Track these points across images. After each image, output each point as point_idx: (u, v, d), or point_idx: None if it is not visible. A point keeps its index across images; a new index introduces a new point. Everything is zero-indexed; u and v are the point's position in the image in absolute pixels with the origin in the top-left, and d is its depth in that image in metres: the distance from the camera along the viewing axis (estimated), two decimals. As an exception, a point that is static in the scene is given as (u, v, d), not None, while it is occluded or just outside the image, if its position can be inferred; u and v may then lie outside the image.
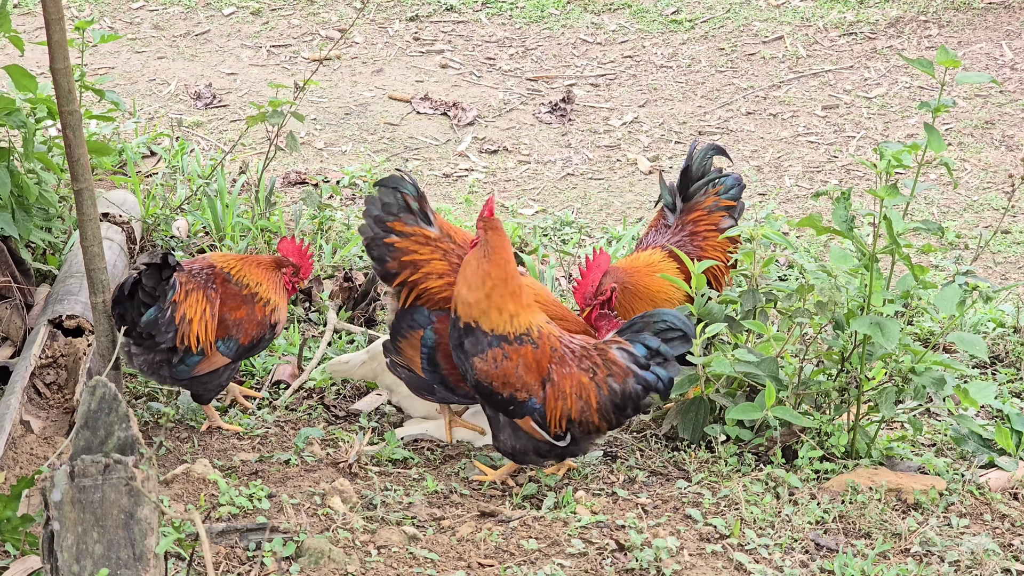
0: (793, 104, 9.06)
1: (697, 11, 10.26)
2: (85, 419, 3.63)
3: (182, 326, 5.00)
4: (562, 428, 4.70)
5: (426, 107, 8.94)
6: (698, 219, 5.61)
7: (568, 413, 4.68)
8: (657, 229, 5.68)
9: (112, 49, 9.59)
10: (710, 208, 5.62)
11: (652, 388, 4.70)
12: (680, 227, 5.60)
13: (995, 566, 4.44)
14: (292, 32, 10.01)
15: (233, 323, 5.10)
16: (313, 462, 4.91)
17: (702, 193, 5.65)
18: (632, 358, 4.69)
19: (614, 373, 4.69)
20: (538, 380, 4.68)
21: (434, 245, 5.06)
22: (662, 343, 4.70)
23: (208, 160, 7.81)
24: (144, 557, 3.59)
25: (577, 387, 4.68)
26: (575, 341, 4.75)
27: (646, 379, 4.69)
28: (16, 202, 5.77)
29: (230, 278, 5.15)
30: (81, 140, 4.48)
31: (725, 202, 5.63)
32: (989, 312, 6.42)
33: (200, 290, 5.07)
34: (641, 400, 4.71)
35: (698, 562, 4.39)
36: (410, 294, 5.03)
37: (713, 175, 5.67)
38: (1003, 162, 8.32)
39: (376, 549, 4.32)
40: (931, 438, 5.41)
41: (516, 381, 4.67)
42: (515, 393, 4.67)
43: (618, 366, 4.68)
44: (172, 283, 4.99)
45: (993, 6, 10.08)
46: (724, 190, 5.66)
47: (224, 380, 5.16)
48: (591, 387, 4.68)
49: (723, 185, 5.66)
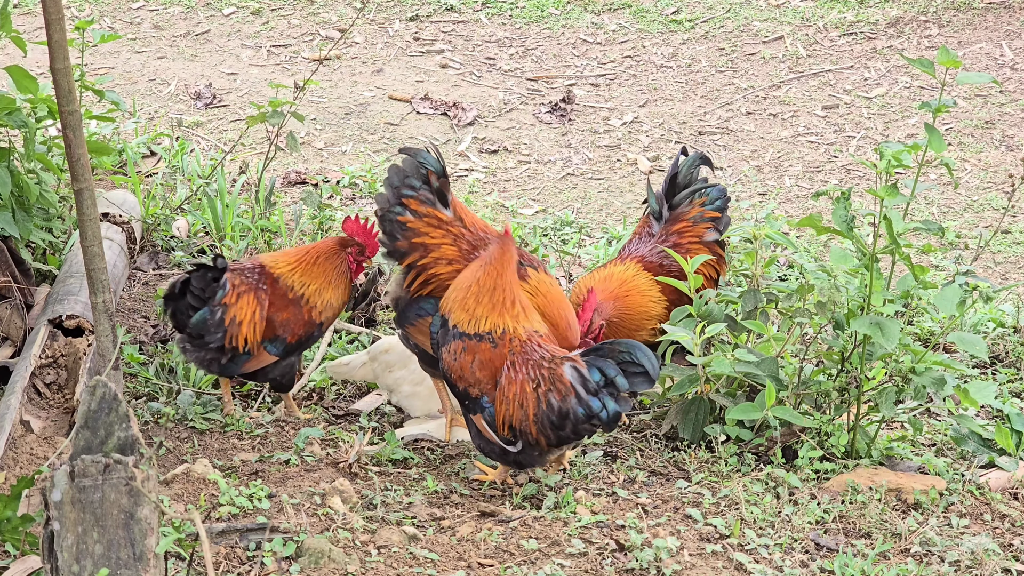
0: (793, 104, 9.06)
1: (697, 11, 10.27)
2: (85, 419, 3.63)
3: (231, 328, 5.10)
4: (506, 433, 4.63)
5: (426, 107, 8.94)
6: (682, 230, 5.60)
7: (510, 419, 4.60)
8: (641, 237, 5.65)
9: (112, 49, 9.59)
10: (695, 219, 5.62)
11: (594, 415, 4.51)
12: (664, 237, 5.59)
13: (995, 566, 4.44)
14: (292, 32, 10.02)
15: (280, 324, 5.18)
16: (313, 462, 4.91)
17: (687, 203, 5.64)
18: (581, 379, 4.52)
19: (556, 389, 4.54)
20: (491, 380, 4.64)
21: (445, 229, 5.05)
22: (620, 375, 4.50)
23: (208, 160, 7.81)
24: (144, 557, 3.59)
25: (520, 395, 4.58)
26: (541, 350, 4.62)
27: (589, 404, 4.51)
28: (16, 202, 5.77)
29: (278, 279, 5.21)
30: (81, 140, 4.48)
31: (710, 213, 5.63)
32: (989, 312, 6.42)
33: (251, 292, 5.15)
34: (581, 424, 4.52)
35: (698, 562, 4.39)
36: (417, 277, 5.03)
37: (699, 185, 5.67)
38: (1003, 162, 8.32)
39: (376, 549, 4.32)
40: (931, 438, 5.41)
41: (470, 376, 4.66)
42: (469, 388, 4.66)
43: (563, 383, 4.53)
44: (223, 284, 5.07)
45: (993, 6, 10.08)
46: (709, 201, 5.65)
47: (286, 369, 5.25)
48: (532, 398, 4.56)
49: (708, 196, 5.66)
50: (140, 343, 5.83)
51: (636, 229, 5.77)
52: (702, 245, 5.54)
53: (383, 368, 5.40)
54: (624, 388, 4.49)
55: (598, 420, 4.52)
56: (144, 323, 6.06)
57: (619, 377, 4.49)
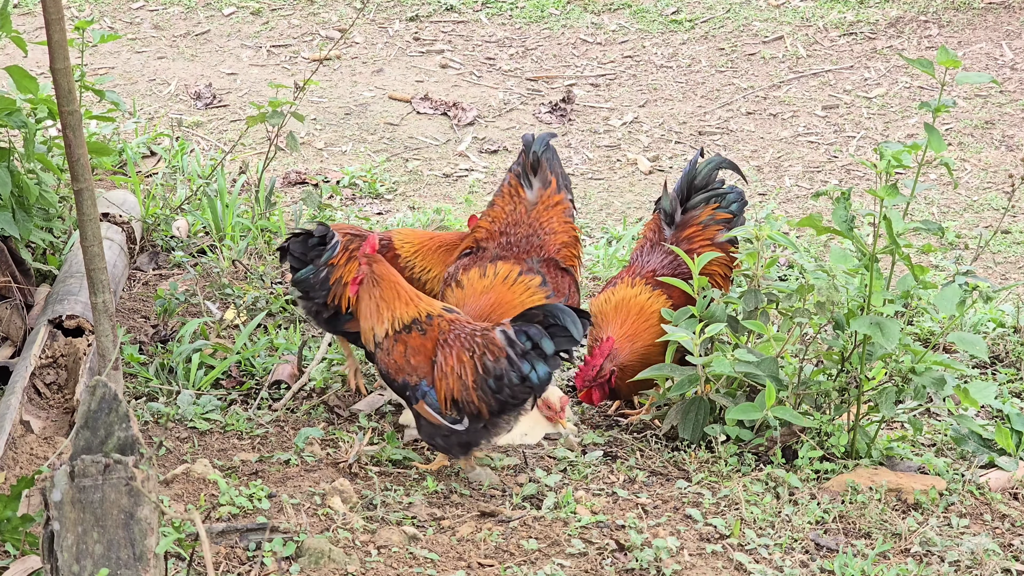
0: (793, 104, 9.06)
1: (697, 11, 10.27)
2: (85, 419, 3.63)
3: (335, 287, 5.27)
4: (449, 410, 4.72)
5: (426, 107, 8.94)
6: (692, 235, 5.56)
7: (451, 392, 4.70)
8: (653, 245, 5.60)
9: (112, 49, 9.59)
10: (705, 222, 5.57)
11: (526, 378, 4.63)
12: (675, 244, 5.53)
13: (995, 566, 4.44)
14: (292, 32, 10.02)
15: None
16: (313, 462, 4.91)
17: (700, 207, 5.60)
18: (510, 342, 4.65)
19: (490, 351, 4.66)
20: (427, 363, 4.74)
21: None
22: (544, 337, 4.62)
23: (208, 160, 7.81)
24: (144, 557, 3.59)
25: (458, 365, 4.70)
26: (469, 327, 4.76)
27: (520, 367, 4.63)
28: (16, 202, 5.77)
29: (399, 256, 5.36)
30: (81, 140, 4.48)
31: (721, 215, 5.58)
32: (989, 312, 6.42)
33: None
34: (516, 387, 4.65)
35: (698, 562, 4.39)
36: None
37: (715, 188, 5.63)
38: (1003, 162, 8.32)
39: (376, 549, 4.32)
40: (931, 438, 5.41)
41: (406, 365, 4.75)
42: (407, 378, 4.75)
43: (495, 346, 4.66)
44: (332, 246, 5.26)
45: (993, 6, 10.08)
46: (725, 205, 5.62)
47: None
48: (469, 364, 4.68)
49: (723, 200, 5.62)
50: (140, 343, 5.83)
51: (644, 232, 5.70)
52: (714, 247, 5.50)
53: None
54: (550, 350, 4.61)
55: (530, 382, 4.64)
56: (144, 323, 6.06)
57: (544, 339, 4.61)
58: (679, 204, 5.60)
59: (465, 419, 4.71)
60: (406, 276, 5.28)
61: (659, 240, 5.58)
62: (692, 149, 8.38)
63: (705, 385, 5.13)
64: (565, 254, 5.32)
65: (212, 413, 5.27)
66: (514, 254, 5.25)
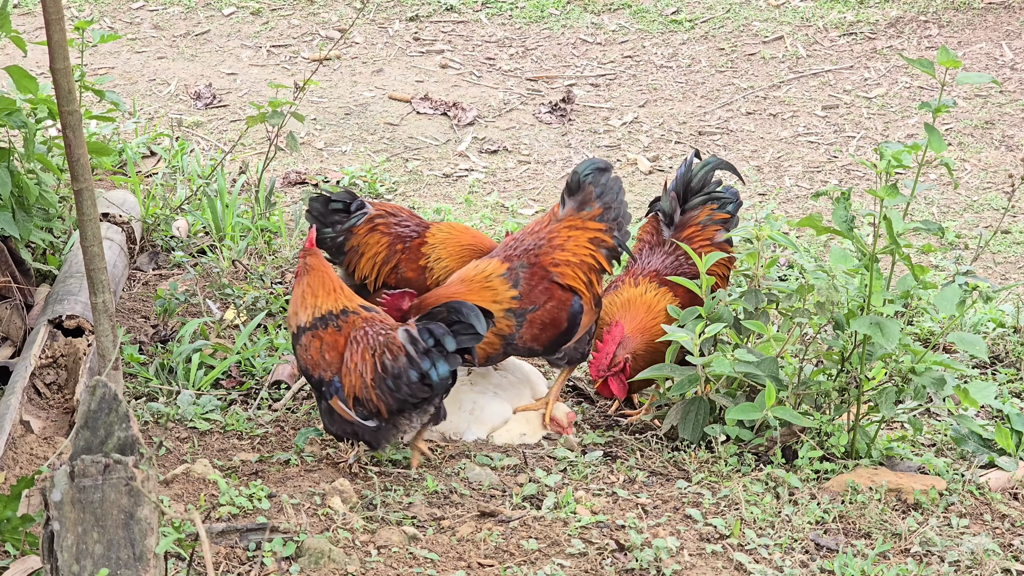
0: (793, 104, 9.06)
1: (697, 11, 10.26)
2: (85, 419, 3.64)
3: (350, 254, 5.41)
4: (353, 406, 4.74)
5: (426, 107, 8.94)
6: (692, 235, 5.57)
7: (354, 390, 4.72)
8: (652, 247, 5.60)
9: (112, 49, 9.59)
10: (704, 222, 5.58)
11: (425, 376, 4.62)
12: (675, 245, 5.54)
13: (995, 566, 4.44)
14: (292, 32, 10.02)
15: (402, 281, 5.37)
16: (313, 462, 4.91)
17: (698, 208, 5.61)
18: (412, 340, 4.64)
19: (390, 350, 4.66)
20: (339, 359, 4.76)
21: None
22: (447, 334, 4.61)
23: (208, 160, 7.81)
24: (144, 557, 3.59)
25: (361, 362, 4.71)
26: (382, 324, 4.77)
27: (420, 365, 4.62)
28: (16, 202, 5.77)
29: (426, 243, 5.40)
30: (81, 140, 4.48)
31: (720, 216, 5.60)
32: (989, 312, 6.42)
33: (390, 238, 5.40)
34: (415, 385, 4.64)
35: (698, 562, 4.39)
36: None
37: (712, 190, 5.64)
38: (1003, 162, 8.32)
39: (376, 549, 4.32)
40: (931, 438, 5.41)
41: (321, 361, 4.77)
42: (322, 373, 4.77)
43: (395, 344, 4.66)
44: (357, 215, 5.40)
45: (993, 6, 10.08)
46: (720, 206, 5.63)
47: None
48: (369, 363, 4.69)
49: (720, 202, 5.63)
50: (140, 343, 5.83)
51: (640, 235, 5.70)
52: (713, 247, 5.51)
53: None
54: (451, 347, 4.61)
55: (429, 380, 4.63)
56: (144, 323, 6.06)
57: (447, 337, 4.61)
58: (678, 205, 5.61)
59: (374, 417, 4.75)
60: (421, 263, 5.36)
61: (658, 242, 5.58)
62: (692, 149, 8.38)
63: (705, 385, 5.13)
64: (564, 271, 5.18)
65: (212, 413, 5.27)
66: (507, 256, 5.21)
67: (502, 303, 5.08)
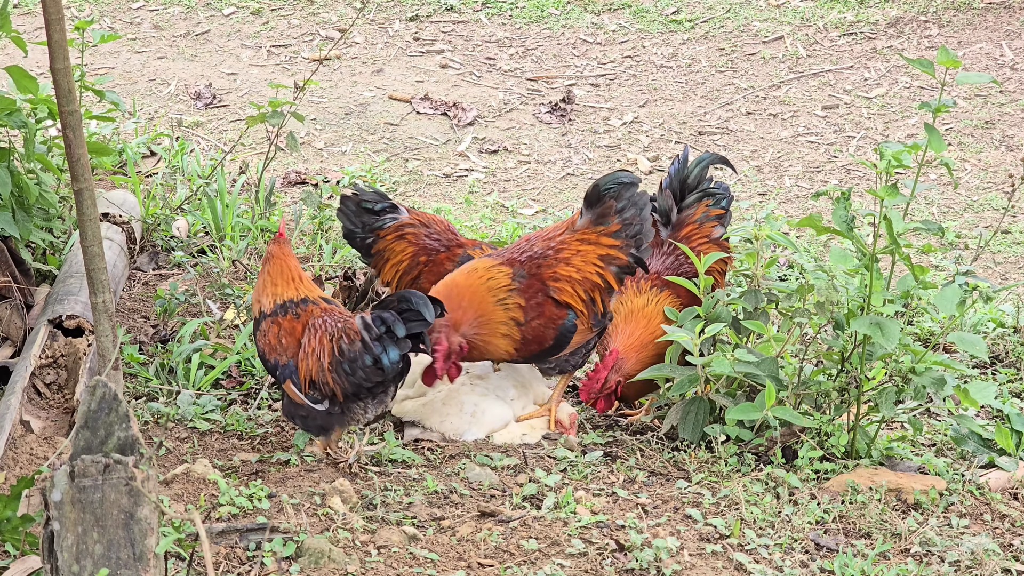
0: (793, 104, 9.07)
1: (697, 11, 10.27)
2: (85, 419, 3.64)
3: (376, 257, 5.51)
4: (308, 389, 4.85)
5: (426, 107, 8.94)
6: (690, 234, 5.57)
7: (311, 373, 4.83)
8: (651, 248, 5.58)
9: (112, 49, 9.60)
10: (700, 220, 5.59)
11: (378, 361, 4.75)
12: (673, 245, 5.53)
13: (995, 566, 4.44)
14: (292, 32, 10.02)
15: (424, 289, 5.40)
16: (313, 462, 4.92)
17: (694, 205, 5.60)
18: (366, 326, 4.77)
19: (347, 335, 4.79)
20: (296, 344, 4.88)
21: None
22: (397, 321, 4.74)
23: (208, 160, 7.81)
24: (144, 557, 3.59)
25: (318, 347, 4.83)
26: (339, 315, 4.90)
27: (373, 350, 4.75)
28: (16, 202, 5.77)
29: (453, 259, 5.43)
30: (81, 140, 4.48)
31: (715, 211, 5.60)
32: (989, 312, 6.42)
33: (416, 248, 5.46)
34: (368, 369, 4.77)
35: (698, 562, 4.39)
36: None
37: (707, 187, 5.63)
38: (1003, 162, 8.32)
39: (376, 549, 4.32)
40: (931, 438, 5.41)
41: (277, 345, 4.90)
42: (278, 358, 4.89)
43: (352, 330, 4.79)
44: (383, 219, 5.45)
45: (993, 6, 10.08)
46: (715, 203, 5.63)
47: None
48: (327, 347, 4.81)
49: (714, 197, 5.64)
50: (140, 343, 5.83)
51: None
52: (711, 243, 5.53)
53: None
54: (401, 333, 4.73)
55: (381, 364, 4.75)
56: (144, 323, 6.07)
57: (397, 323, 4.74)
58: (674, 203, 5.62)
59: (325, 401, 4.85)
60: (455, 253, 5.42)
61: (656, 242, 5.58)
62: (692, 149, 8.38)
63: (705, 385, 5.13)
64: (563, 287, 5.10)
65: (212, 413, 5.27)
66: (511, 259, 5.19)
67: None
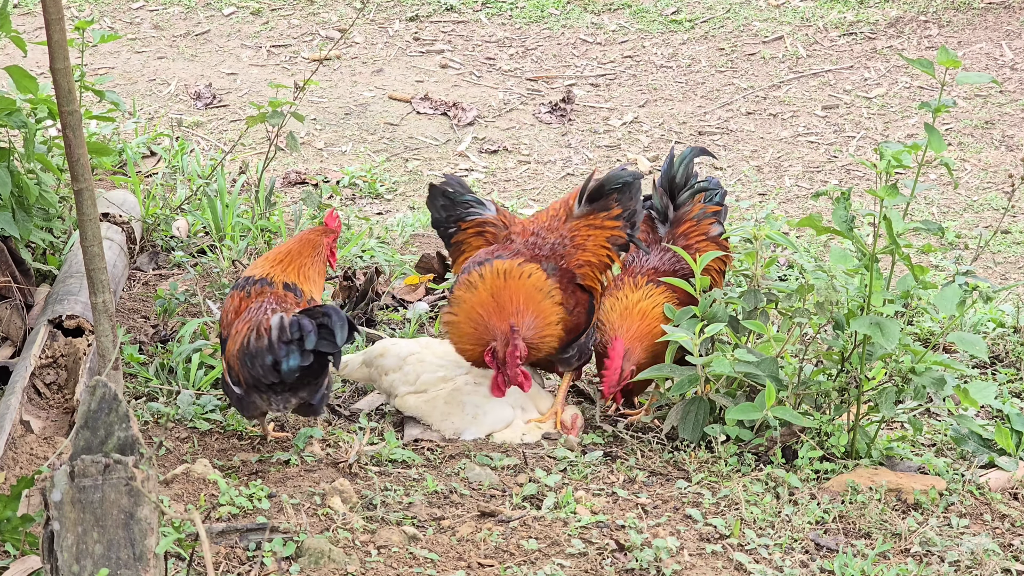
0: (793, 104, 9.07)
1: (697, 11, 10.27)
2: (85, 419, 3.64)
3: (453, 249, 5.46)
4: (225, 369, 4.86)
5: (426, 107, 8.94)
6: (688, 231, 5.57)
7: (231, 354, 4.82)
8: (648, 245, 5.59)
9: (112, 49, 9.60)
10: (698, 216, 5.59)
11: (277, 364, 4.67)
12: (671, 241, 5.54)
13: (995, 566, 4.44)
14: (292, 32, 10.02)
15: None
16: (313, 462, 4.91)
17: (689, 201, 5.61)
18: (280, 328, 4.68)
19: (258, 330, 4.74)
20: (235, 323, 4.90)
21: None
22: (313, 332, 4.63)
23: (208, 160, 7.81)
24: (144, 557, 3.59)
25: (239, 332, 4.82)
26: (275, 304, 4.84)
27: (277, 352, 4.67)
28: (16, 202, 5.77)
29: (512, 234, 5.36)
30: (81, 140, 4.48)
31: (712, 208, 5.61)
32: (989, 312, 6.42)
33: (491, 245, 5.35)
34: (266, 367, 4.68)
35: (698, 562, 4.39)
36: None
37: (697, 182, 5.64)
38: (1003, 162, 8.32)
39: (376, 549, 4.32)
40: (931, 438, 5.41)
41: (224, 319, 4.95)
42: (224, 331, 4.93)
43: (264, 326, 4.73)
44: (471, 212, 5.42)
45: (993, 6, 10.08)
46: (707, 198, 5.64)
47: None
48: (243, 335, 4.79)
49: (707, 193, 5.64)
50: (140, 343, 5.83)
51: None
52: (709, 241, 5.53)
53: (378, 372, 5.41)
54: (309, 346, 4.64)
55: (279, 368, 4.68)
56: (144, 323, 6.07)
57: (310, 335, 4.64)
58: (669, 201, 5.62)
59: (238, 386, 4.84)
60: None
61: (654, 240, 5.58)
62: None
63: (705, 385, 5.13)
64: (586, 272, 5.25)
65: (212, 413, 5.27)
66: (535, 255, 5.23)
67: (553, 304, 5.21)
